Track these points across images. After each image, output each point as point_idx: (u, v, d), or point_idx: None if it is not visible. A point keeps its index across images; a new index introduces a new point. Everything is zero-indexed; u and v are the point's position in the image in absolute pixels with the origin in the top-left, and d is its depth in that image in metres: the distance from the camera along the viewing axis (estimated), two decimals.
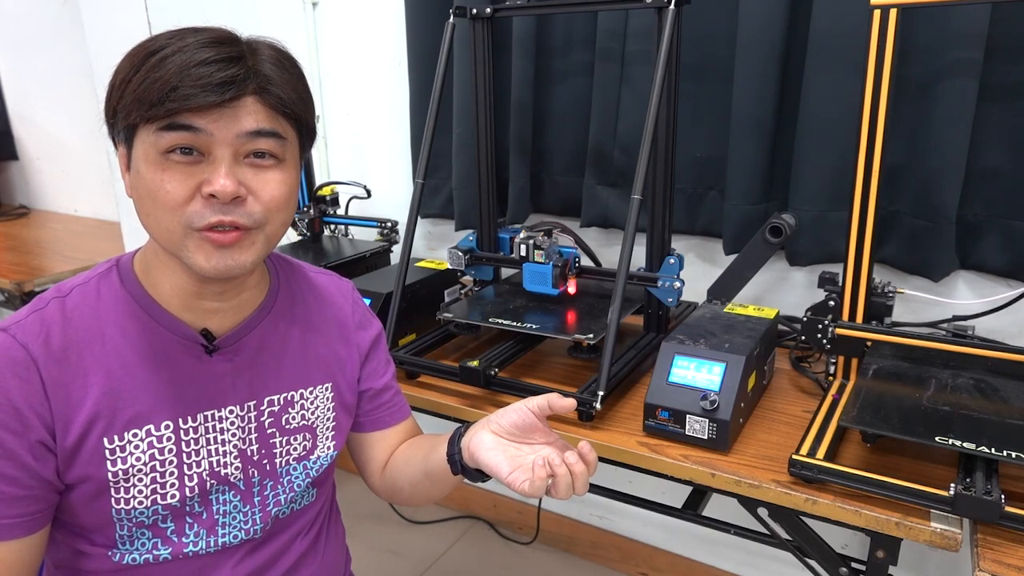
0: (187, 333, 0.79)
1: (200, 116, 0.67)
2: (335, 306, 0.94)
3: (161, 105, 0.66)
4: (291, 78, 0.73)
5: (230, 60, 0.68)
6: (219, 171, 0.69)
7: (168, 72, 0.66)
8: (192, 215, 0.70)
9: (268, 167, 0.73)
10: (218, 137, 0.69)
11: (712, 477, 0.99)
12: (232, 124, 0.69)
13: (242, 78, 0.68)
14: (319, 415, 0.91)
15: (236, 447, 0.84)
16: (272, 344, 0.86)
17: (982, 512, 0.85)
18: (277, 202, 0.74)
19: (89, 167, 2.69)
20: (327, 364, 0.91)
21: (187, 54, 0.67)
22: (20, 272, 2.05)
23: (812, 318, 1.15)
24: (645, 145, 1.11)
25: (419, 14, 1.72)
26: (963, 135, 1.21)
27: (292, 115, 0.73)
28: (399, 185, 1.95)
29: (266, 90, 0.70)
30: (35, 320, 0.74)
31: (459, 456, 0.85)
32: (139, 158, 0.70)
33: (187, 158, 0.69)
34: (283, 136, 0.73)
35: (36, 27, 2.65)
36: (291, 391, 0.88)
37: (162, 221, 0.71)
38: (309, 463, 0.91)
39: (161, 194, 0.69)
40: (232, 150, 0.70)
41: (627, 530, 1.96)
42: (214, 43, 0.68)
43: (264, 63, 0.71)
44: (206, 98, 0.66)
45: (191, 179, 0.69)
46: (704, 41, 1.42)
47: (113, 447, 0.75)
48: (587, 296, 1.40)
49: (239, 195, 0.70)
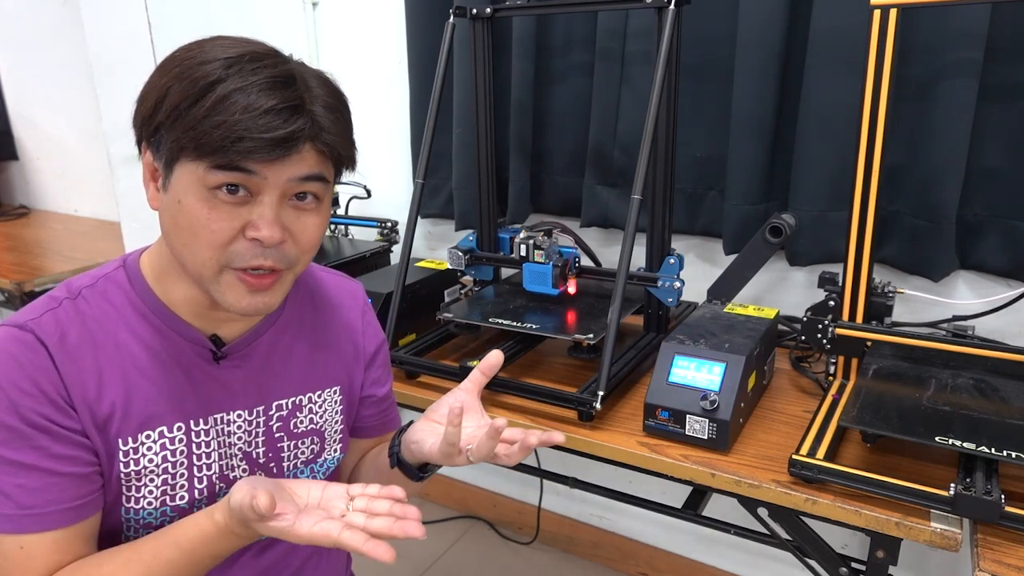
0: (197, 338, 0.79)
1: (258, 164, 0.67)
2: (344, 308, 0.94)
3: (223, 153, 0.65)
4: (342, 121, 0.73)
5: (293, 109, 0.67)
6: (266, 216, 0.69)
7: (232, 118, 0.64)
8: (233, 255, 0.70)
9: (309, 210, 0.73)
10: (271, 181, 0.68)
11: (712, 477, 0.99)
12: (286, 170, 0.69)
13: (305, 132, 0.68)
14: (328, 418, 0.91)
15: (242, 450, 0.84)
16: (281, 348, 0.86)
17: (982, 512, 0.85)
18: (312, 244, 0.75)
19: (89, 167, 2.69)
20: (336, 367, 0.91)
21: (249, 97, 0.65)
22: (20, 272, 2.06)
23: (812, 318, 1.15)
24: (645, 145, 1.11)
25: (419, 14, 1.72)
26: (963, 135, 1.21)
27: (337, 160, 0.73)
28: (399, 185, 1.95)
29: (320, 138, 0.70)
30: (50, 319, 0.74)
31: (397, 449, 0.87)
32: (181, 187, 0.69)
33: (234, 197, 0.68)
34: (328, 180, 0.73)
35: (36, 27, 2.65)
36: (299, 395, 0.88)
37: (199, 255, 0.70)
38: (316, 467, 0.91)
39: (205, 232, 0.69)
40: (280, 194, 0.70)
41: (627, 530, 1.96)
42: (275, 85, 0.67)
43: (318, 106, 0.70)
44: (270, 153, 0.66)
45: (236, 220, 0.69)
46: (704, 41, 1.42)
47: (127, 448, 0.75)
48: (587, 296, 1.40)
49: (283, 240, 0.71)
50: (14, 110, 2.88)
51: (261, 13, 1.96)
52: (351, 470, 1.01)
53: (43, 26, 2.62)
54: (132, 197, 1.90)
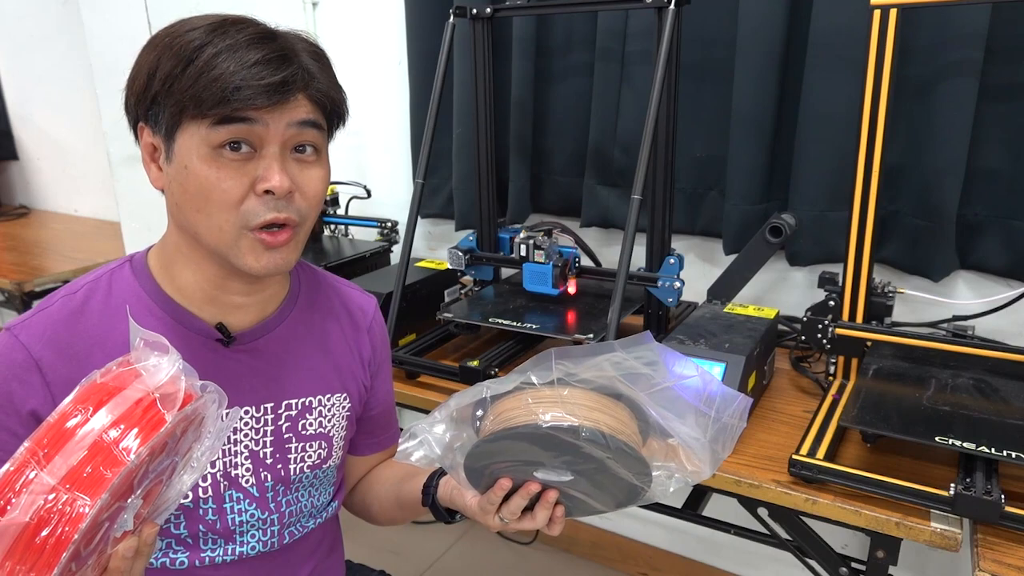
0: (203, 328, 0.79)
1: (258, 111, 0.69)
2: (357, 320, 0.93)
3: (225, 105, 0.67)
4: (328, 70, 0.75)
5: (282, 58, 0.69)
6: (273, 167, 0.70)
7: (225, 72, 0.67)
8: (247, 213, 0.71)
9: (311, 162, 0.74)
10: (272, 128, 0.70)
11: (712, 477, 0.99)
12: (284, 116, 0.70)
13: (297, 78, 0.70)
14: (335, 423, 0.90)
15: (248, 447, 0.83)
16: (292, 347, 0.86)
17: (982, 512, 0.85)
18: (318, 198, 0.76)
19: (89, 167, 2.69)
20: (344, 374, 0.91)
21: (238, 53, 0.68)
22: (20, 272, 2.06)
23: (812, 318, 1.15)
24: (645, 145, 1.11)
25: (419, 14, 1.72)
26: (963, 135, 1.21)
27: (330, 107, 0.75)
28: (399, 185, 1.95)
29: (312, 86, 0.72)
30: (40, 319, 0.74)
31: (434, 490, 0.87)
32: (186, 152, 0.70)
33: (238, 155, 0.70)
34: (323, 127, 0.75)
35: (36, 27, 2.65)
36: (309, 396, 0.87)
37: (215, 219, 0.71)
38: (321, 472, 0.90)
39: (217, 192, 0.69)
40: (281, 143, 0.71)
41: (627, 530, 1.96)
42: (261, 40, 0.70)
43: (305, 58, 0.72)
44: (269, 98, 0.68)
45: (245, 176, 0.70)
46: (704, 41, 1.42)
47: None
48: (587, 296, 1.40)
49: (292, 190, 0.72)
50: (14, 110, 2.88)
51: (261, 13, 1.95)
52: (355, 490, 1.00)
53: (43, 26, 2.62)
54: (132, 197, 1.90)
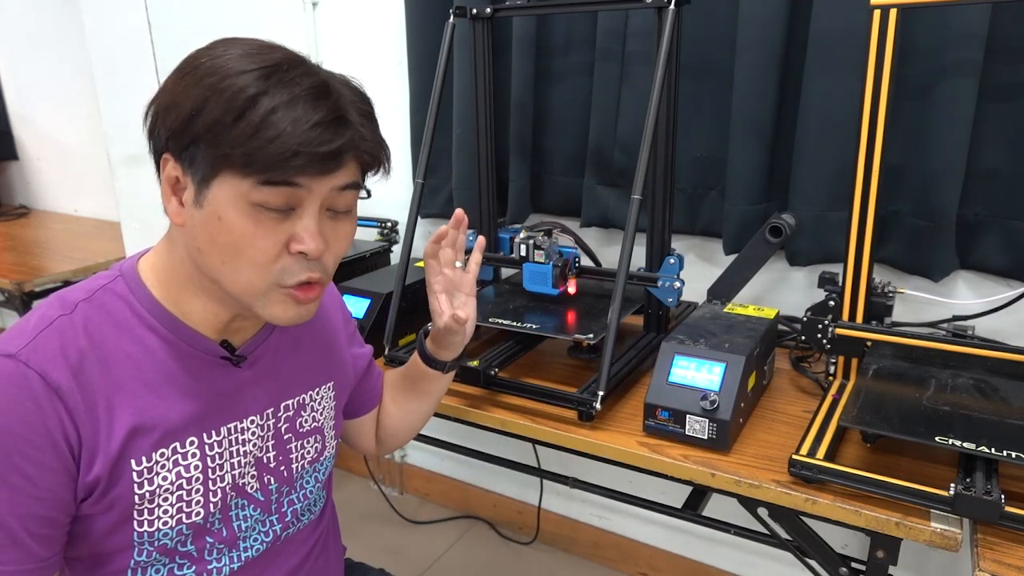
0: (208, 347, 0.77)
1: (308, 176, 0.67)
2: (324, 302, 0.94)
3: (278, 170, 0.65)
4: (375, 127, 0.73)
5: (338, 122, 0.67)
6: (311, 229, 0.69)
7: (283, 133, 0.64)
8: (282, 273, 0.70)
9: (343, 218, 0.74)
10: (315, 191, 0.68)
11: (712, 477, 0.99)
12: (331, 180, 0.69)
13: (352, 145, 0.68)
14: (325, 415, 0.91)
15: (253, 455, 0.83)
16: (284, 349, 0.86)
17: (982, 512, 0.85)
18: (344, 253, 0.76)
19: (89, 167, 2.69)
20: (327, 362, 0.92)
21: (295, 111, 0.64)
22: (20, 272, 2.06)
23: (812, 318, 1.15)
24: (645, 145, 1.11)
25: (419, 14, 1.72)
26: (963, 135, 1.21)
27: (372, 164, 0.74)
28: (399, 185, 1.95)
29: (360, 148, 0.70)
30: (45, 342, 0.68)
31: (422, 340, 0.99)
32: (223, 203, 0.67)
33: (277, 213, 0.68)
34: (362, 186, 0.74)
35: (36, 27, 2.65)
36: (302, 394, 0.88)
37: (244, 274, 0.69)
38: (319, 465, 0.91)
39: (252, 250, 0.68)
40: (321, 203, 0.70)
41: (627, 530, 1.96)
42: (317, 96, 0.66)
43: (354, 114, 0.69)
44: (323, 166, 0.66)
45: (281, 234, 0.69)
46: (704, 41, 1.42)
47: (140, 469, 0.72)
48: (587, 296, 1.40)
49: (325, 251, 0.71)
50: (14, 110, 2.88)
51: (261, 13, 1.96)
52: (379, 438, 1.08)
53: (43, 26, 2.62)
54: (132, 197, 1.90)
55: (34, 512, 0.68)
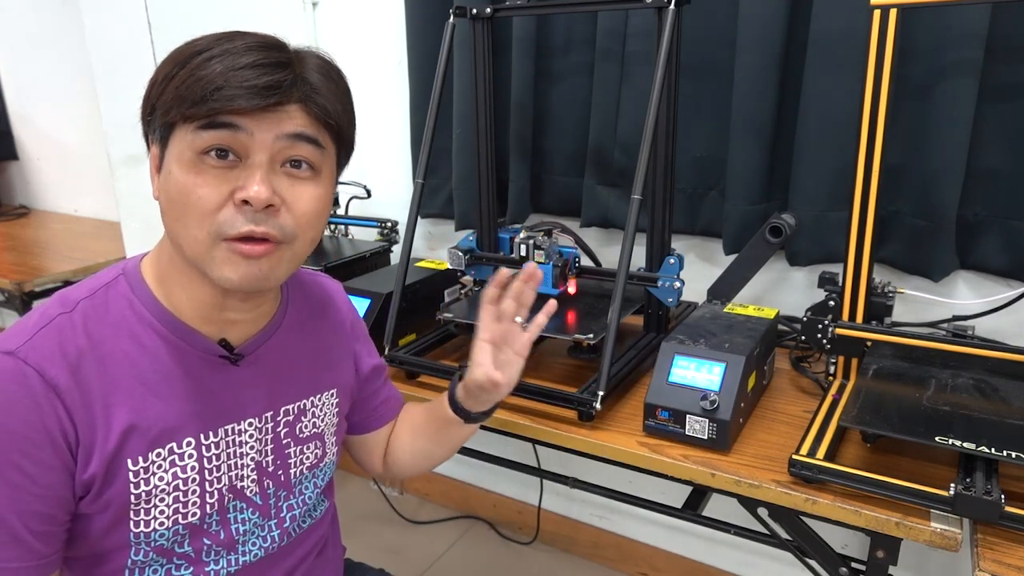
0: (206, 345, 0.77)
1: (242, 116, 0.66)
2: (333, 308, 0.94)
3: (204, 104, 0.64)
4: (337, 90, 0.72)
5: (277, 65, 0.67)
6: (254, 176, 0.67)
7: (213, 72, 0.64)
8: (223, 223, 0.67)
9: (304, 178, 0.71)
10: (257, 137, 0.67)
11: (712, 477, 0.99)
12: (273, 126, 0.67)
13: (288, 84, 0.67)
14: (327, 421, 0.90)
15: (253, 459, 0.82)
16: (288, 352, 0.85)
17: (982, 512, 0.85)
18: (308, 217, 0.71)
19: (89, 167, 2.69)
20: (332, 369, 0.91)
21: (234, 56, 0.65)
22: (20, 272, 2.05)
23: (812, 318, 1.15)
24: (645, 145, 1.11)
25: (419, 14, 1.72)
26: (963, 135, 1.21)
27: (334, 127, 0.72)
28: (399, 185, 1.95)
29: (311, 99, 0.69)
30: (44, 340, 0.69)
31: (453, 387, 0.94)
32: (172, 158, 0.68)
33: (222, 162, 0.67)
34: (322, 145, 0.71)
35: (36, 27, 2.65)
36: (303, 399, 0.87)
37: (190, 228, 0.68)
38: (318, 471, 0.90)
39: (193, 199, 0.67)
40: (269, 155, 0.68)
41: (627, 530, 1.96)
42: (261, 47, 0.67)
43: (311, 71, 0.69)
44: (250, 100, 0.65)
45: (225, 184, 0.67)
46: (704, 41, 1.42)
47: (137, 469, 0.72)
48: (587, 296, 1.40)
49: (272, 203, 0.68)
50: (14, 110, 2.88)
51: (261, 13, 1.96)
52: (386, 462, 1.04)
53: (43, 26, 2.62)
54: (132, 197, 1.90)
55: (34, 509, 0.68)
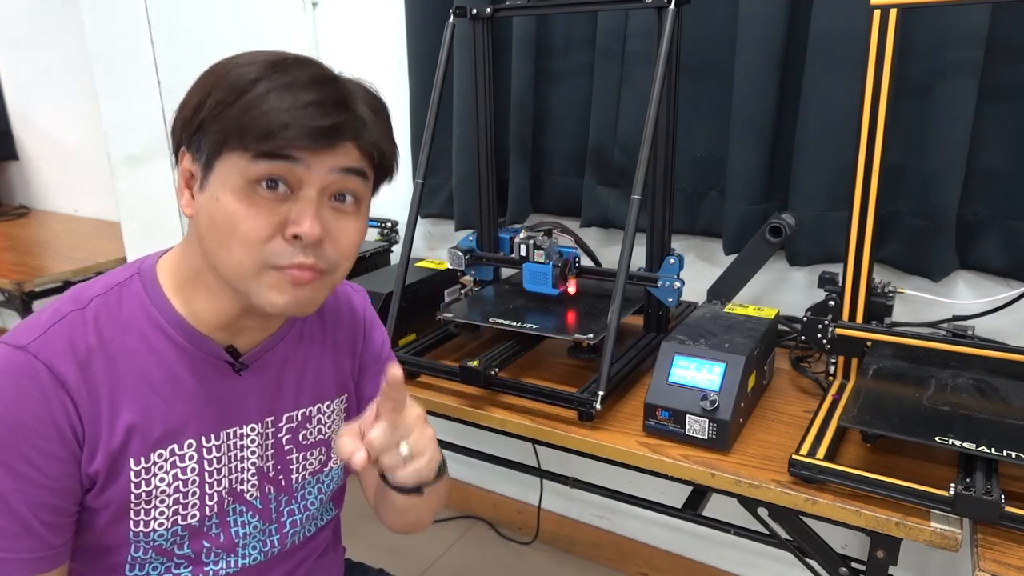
0: (213, 351, 0.77)
1: (302, 151, 0.67)
2: (350, 315, 0.93)
3: (269, 140, 0.65)
4: (383, 122, 0.73)
5: (336, 104, 0.67)
6: (307, 212, 0.68)
7: (277, 108, 0.65)
8: (271, 254, 0.68)
9: (348, 213, 0.72)
10: (314, 171, 0.67)
11: (712, 477, 0.99)
12: (328, 160, 0.68)
13: (349, 126, 0.68)
14: (334, 428, 0.90)
15: (254, 464, 0.82)
16: (295, 360, 0.85)
17: (982, 512, 0.85)
18: (351, 249, 0.74)
19: (89, 167, 2.69)
20: (342, 377, 0.91)
21: (294, 93, 0.66)
22: (20, 272, 2.05)
23: (812, 318, 1.15)
24: (645, 145, 1.11)
25: (419, 14, 1.72)
26: (963, 135, 1.21)
27: (379, 161, 0.73)
28: (399, 185, 1.93)
29: (362, 135, 0.70)
30: (56, 336, 0.70)
31: None
32: (219, 182, 0.68)
33: (273, 193, 0.67)
34: (368, 178, 0.73)
35: (36, 27, 2.65)
36: (309, 407, 0.87)
37: (235, 254, 0.68)
38: (322, 476, 0.90)
39: (244, 228, 0.67)
40: (320, 187, 0.69)
41: (627, 530, 1.96)
42: (319, 82, 0.68)
43: (361, 106, 0.70)
44: (315, 141, 0.66)
45: (275, 216, 0.68)
46: (704, 41, 1.42)
47: (138, 469, 0.73)
48: (587, 296, 1.40)
49: (322, 239, 0.70)
50: (14, 110, 2.87)
51: (261, 13, 1.96)
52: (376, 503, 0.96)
53: (43, 26, 2.62)
54: (132, 197, 1.90)
55: (44, 501, 0.69)
